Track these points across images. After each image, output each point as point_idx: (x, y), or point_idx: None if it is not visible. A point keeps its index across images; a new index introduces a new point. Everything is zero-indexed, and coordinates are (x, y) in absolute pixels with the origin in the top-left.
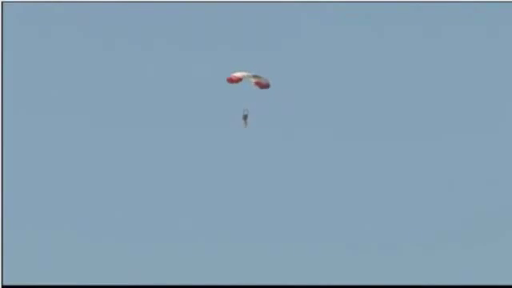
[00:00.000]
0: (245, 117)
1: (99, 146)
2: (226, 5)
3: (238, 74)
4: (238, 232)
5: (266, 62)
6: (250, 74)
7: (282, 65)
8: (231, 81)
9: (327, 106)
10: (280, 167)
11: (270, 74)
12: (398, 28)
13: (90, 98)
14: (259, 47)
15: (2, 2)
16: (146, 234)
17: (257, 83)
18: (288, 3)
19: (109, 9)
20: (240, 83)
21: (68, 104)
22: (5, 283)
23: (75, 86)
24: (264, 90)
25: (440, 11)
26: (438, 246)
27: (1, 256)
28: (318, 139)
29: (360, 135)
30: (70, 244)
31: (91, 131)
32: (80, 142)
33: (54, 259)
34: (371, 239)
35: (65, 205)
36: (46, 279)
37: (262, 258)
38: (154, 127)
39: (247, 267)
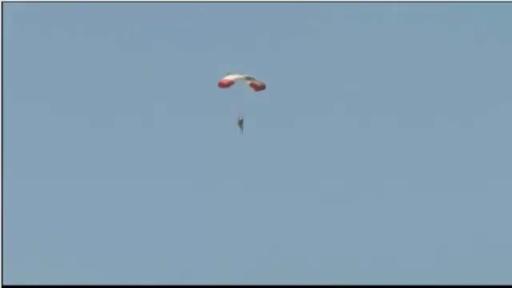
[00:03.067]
0: (240, 122)
1: (97, 143)
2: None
3: (230, 78)
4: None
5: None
6: (242, 75)
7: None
8: (222, 85)
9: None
10: (281, 175)
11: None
12: None
13: (90, 97)
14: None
15: (2, 2)
16: (145, 234)
17: (251, 85)
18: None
19: (109, 8)
20: (232, 87)
21: (67, 103)
22: (5, 283)
23: (75, 86)
24: (260, 92)
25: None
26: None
27: (1, 256)
28: (321, 147)
29: (364, 149)
30: (70, 244)
31: (93, 131)
32: (80, 137)
33: (54, 259)
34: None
35: (65, 204)
36: (46, 279)
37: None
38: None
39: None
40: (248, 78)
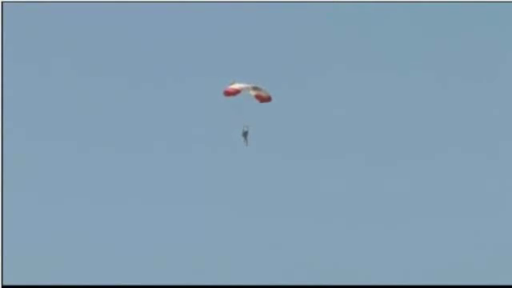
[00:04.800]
0: (245, 134)
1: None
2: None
3: (236, 86)
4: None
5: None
6: (249, 85)
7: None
8: (228, 93)
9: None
10: (283, 188)
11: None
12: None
13: (88, 98)
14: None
15: (2, 2)
16: (146, 233)
17: (257, 96)
18: None
19: (108, 9)
20: (238, 96)
21: (66, 104)
22: (5, 283)
23: (75, 86)
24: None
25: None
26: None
27: (1, 256)
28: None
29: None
30: (70, 244)
31: (90, 134)
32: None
33: (54, 259)
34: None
35: (65, 204)
36: (46, 279)
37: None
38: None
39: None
40: (255, 88)
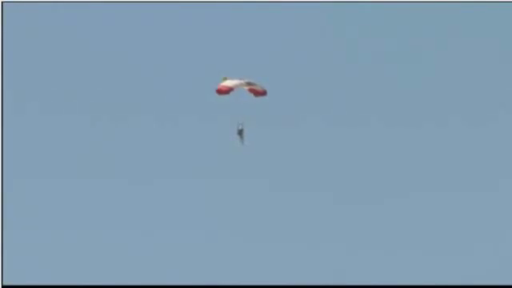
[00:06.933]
0: (240, 132)
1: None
2: None
3: (229, 84)
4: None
5: None
6: (242, 81)
7: None
8: (221, 92)
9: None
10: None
11: None
12: None
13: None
14: None
15: (2, 2)
16: (147, 233)
17: (251, 90)
18: None
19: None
20: (232, 94)
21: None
22: (5, 283)
23: (76, 85)
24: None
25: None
26: None
27: (1, 256)
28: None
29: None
30: (70, 244)
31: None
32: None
33: (54, 259)
34: None
35: (65, 204)
36: (46, 279)
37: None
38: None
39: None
40: (249, 84)
